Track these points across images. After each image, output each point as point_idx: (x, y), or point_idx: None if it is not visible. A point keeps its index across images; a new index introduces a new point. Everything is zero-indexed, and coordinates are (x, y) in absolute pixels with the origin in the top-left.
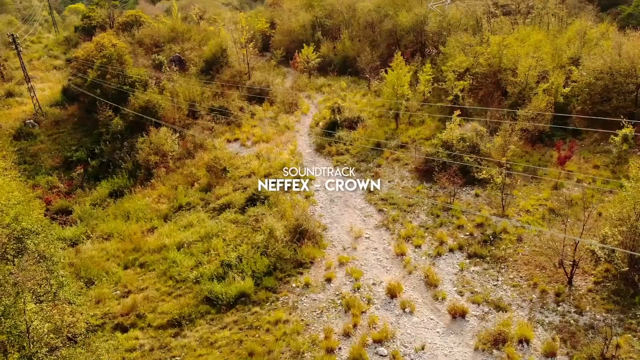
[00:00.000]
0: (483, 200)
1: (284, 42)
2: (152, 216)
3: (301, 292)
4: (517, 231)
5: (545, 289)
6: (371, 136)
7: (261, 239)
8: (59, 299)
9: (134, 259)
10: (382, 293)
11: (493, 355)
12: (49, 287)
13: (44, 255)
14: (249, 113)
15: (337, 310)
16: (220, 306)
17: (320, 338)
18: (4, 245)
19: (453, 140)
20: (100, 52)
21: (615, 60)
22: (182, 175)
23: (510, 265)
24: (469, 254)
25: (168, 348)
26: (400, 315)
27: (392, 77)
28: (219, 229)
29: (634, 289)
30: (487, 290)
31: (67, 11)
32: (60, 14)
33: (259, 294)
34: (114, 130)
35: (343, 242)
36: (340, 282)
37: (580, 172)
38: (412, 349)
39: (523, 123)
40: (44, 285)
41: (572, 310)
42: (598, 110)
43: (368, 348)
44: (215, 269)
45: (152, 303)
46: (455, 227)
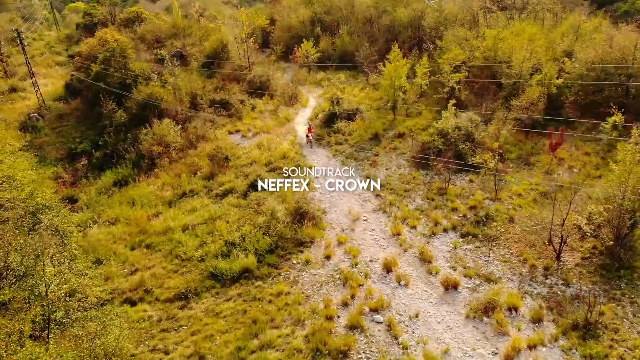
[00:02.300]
0: (477, 186)
1: (283, 38)
2: (156, 202)
3: (302, 268)
4: (509, 212)
5: (534, 263)
6: (369, 127)
7: (263, 220)
8: (72, 271)
9: (140, 241)
10: (379, 268)
11: (483, 322)
12: (62, 259)
13: (57, 229)
14: (249, 106)
15: (336, 284)
16: (225, 281)
17: (320, 308)
18: (21, 218)
19: (449, 129)
20: (104, 47)
21: (606, 52)
22: (185, 164)
23: (502, 243)
24: (462, 233)
25: (175, 319)
26: (395, 288)
27: (390, 69)
28: (222, 212)
29: (619, 263)
30: (479, 265)
31: (67, 10)
32: (61, 13)
33: (262, 270)
34: (118, 123)
35: (342, 224)
36: (339, 259)
37: (571, 159)
38: (406, 317)
39: (517, 113)
40: (57, 257)
41: (560, 283)
42: (590, 101)
43: (365, 316)
44: (220, 248)
45: (159, 279)
46: (450, 209)
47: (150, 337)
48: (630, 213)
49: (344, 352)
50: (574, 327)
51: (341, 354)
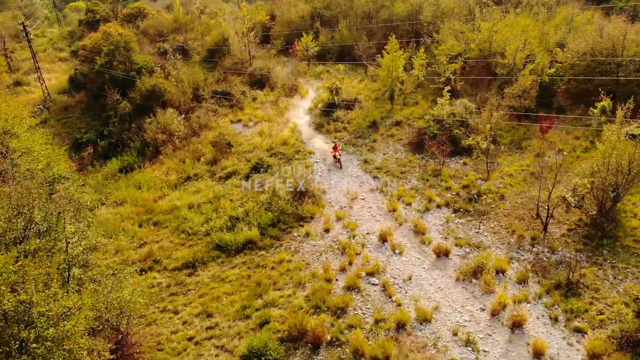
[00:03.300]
0: (470, 168)
1: (283, 33)
2: (162, 185)
3: (302, 240)
4: (499, 190)
5: (522, 234)
6: (367, 116)
7: (265, 197)
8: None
9: (147, 219)
10: (375, 239)
11: (472, 283)
12: (78, 225)
13: (72, 198)
14: (250, 97)
15: (335, 253)
16: (230, 251)
17: (320, 272)
18: (39, 187)
19: (444, 115)
20: (108, 40)
21: (597, 42)
22: (189, 151)
23: (492, 217)
24: (455, 209)
25: (183, 284)
26: (390, 256)
27: (388, 60)
28: (226, 192)
29: (602, 232)
30: (470, 236)
31: (68, 9)
32: (61, 12)
33: (265, 241)
34: (122, 113)
35: (340, 203)
36: (338, 232)
37: (561, 143)
38: (400, 280)
39: (510, 100)
40: (74, 223)
41: (546, 251)
42: (581, 89)
43: (361, 279)
44: (224, 223)
45: (166, 251)
46: (443, 188)
47: (160, 300)
48: (613, 186)
49: (342, 308)
50: (557, 287)
51: (339, 310)
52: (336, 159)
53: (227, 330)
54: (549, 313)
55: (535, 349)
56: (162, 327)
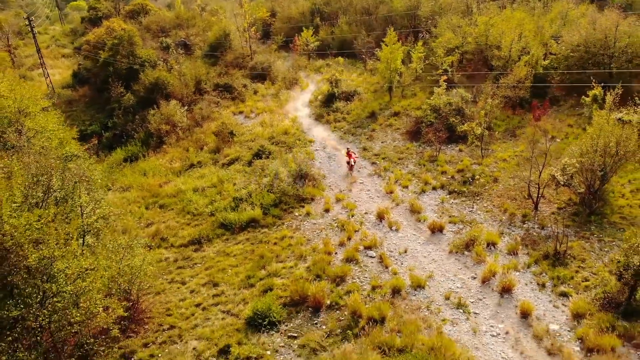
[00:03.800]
0: (465, 154)
1: (284, 29)
2: (166, 172)
3: (303, 219)
4: (493, 174)
5: (514, 212)
6: (366, 107)
7: (267, 180)
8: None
9: (153, 202)
10: (373, 218)
11: (464, 255)
12: (92, 195)
13: (84, 175)
14: (252, 90)
15: (334, 230)
16: (234, 229)
17: (320, 247)
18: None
19: (440, 104)
20: (111, 35)
21: (590, 34)
22: (192, 141)
23: (485, 198)
24: (450, 190)
25: (190, 259)
26: (387, 232)
27: (386, 52)
28: (229, 177)
29: (590, 209)
30: (463, 214)
31: (69, 8)
32: (62, 11)
33: (267, 220)
34: (126, 105)
35: (339, 186)
36: (337, 212)
37: (554, 130)
38: (396, 253)
39: (505, 90)
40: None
41: (536, 227)
42: (575, 80)
43: (359, 252)
44: (228, 203)
45: (173, 230)
46: (439, 172)
47: (167, 273)
48: (600, 167)
49: (341, 277)
50: (545, 257)
51: (338, 278)
52: (350, 166)
53: (232, 297)
54: (536, 280)
55: (522, 310)
56: (170, 295)
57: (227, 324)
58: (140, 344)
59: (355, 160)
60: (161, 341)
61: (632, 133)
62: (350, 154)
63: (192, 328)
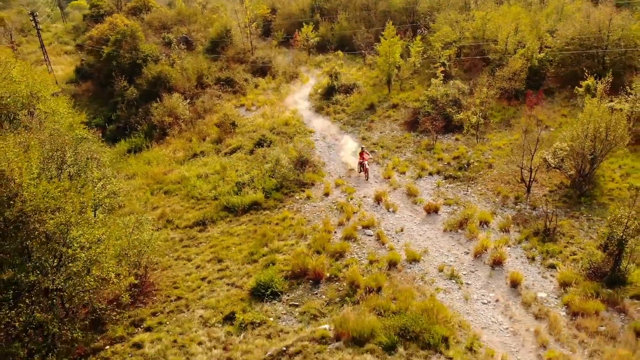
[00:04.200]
0: (462, 143)
1: (284, 25)
2: (170, 162)
3: (303, 202)
4: (488, 161)
5: (507, 195)
6: (365, 99)
7: (269, 166)
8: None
9: (158, 188)
10: (371, 201)
11: (458, 233)
12: (103, 171)
13: (94, 156)
14: (253, 84)
15: (334, 212)
16: (237, 211)
17: (320, 227)
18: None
19: (438, 95)
20: (114, 30)
21: (584, 27)
22: (195, 132)
23: (480, 182)
24: (445, 176)
25: (195, 238)
26: (384, 213)
27: (385, 46)
28: (232, 164)
29: (580, 191)
30: (458, 197)
31: (70, 7)
32: (63, 10)
33: (269, 203)
34: (129, 98)
35: (339, 173)
36: (337, 196)
37: (549, 120)
38: (393, 232)
39: (500, 82)
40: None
41: (527, 207)
42: (569, 72)
43: (358, 231)
44: (231, 188)
45: (178, 213)
46: (436, 159)
47: (174, 251)
48: (590, 150)
49: (340, 252)
50: (536, 234)
51: (338, 254)
52: (363, 169)
53: (236, 272)
54: (526, 254)
55: (512, 280)
56: (177, 270)
57: (231, 294)
58: (149, 313)
59: (368, 163)
60: (169, 310)
61: (621, 119)
62: (364, 154)
63: (199, 299)
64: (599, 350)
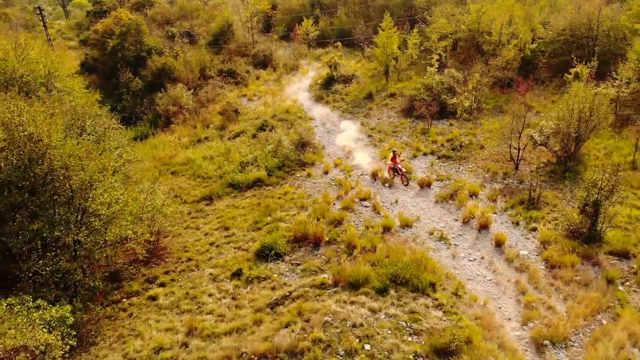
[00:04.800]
0: (455, 127)
1: (284, 20)
2: (175, 147)
3: (304, 179)
4: (480, 142)
5: (496, 171)
6: (364, 89)
7: (271, 147)
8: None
9: (165, 169)
10: (368, 178)
11: (448, 204)
12: (120, 140)
13: (111, 126)
14: (254, 76)
15: (333, 187)
16: (241, 188)
17: (320, 199)
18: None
19: (433, 83)
20: (119, 24)
21: (575, 18)
22: (199, 120)
23: (471, 161)
24: (439, 156)
25: (202, 211)
26: (380, 188)
27: (383, 37)
28: (236, 147)
29: (565, 167)
30: (450, 173)
31: (71, 6)
32: (65, 8)
33: (271, 180)
34: (134, 90)
35: (338, 155)
36: (335, 174)
37: (539, 106)
38: (388, 203)
39: (494, 71)
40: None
41: (515, 182)
42: (561, 62)
43: (355, 203)
44: (235, 167)
45: (185, 190)
46: (430, 142)
47: (183, 222)
48: (575, 129)
49: (339, 220)
50: (521, 203)
51: (336, 221)
52: (399, 174)
53: (242, 237)
54: (511, 219)
55: (496, 239)
56: (186, 237)
57: (238, 255)
58: (162, 272)
59: (403, 169)
60: (180, 270)
61: (604, 100)
62: (396, 158)
63: (208, 260)
64: (573, 295)
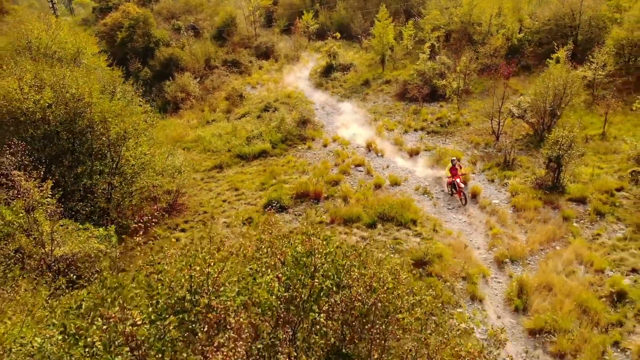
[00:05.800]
0: (445, 108)
1: (285, 14)
2: (185, 128)
3: (305, 151)
4: (466, 120)
5: (479, 142)
6: (361, 77)
7: (275, 124)
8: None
9: (177, 145)
10: (363, 149)
11: (434, 168)
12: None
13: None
14: (257, 66)
15: (331, 157)
16: (248, 158)
17: (319, 166)
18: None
19: (425, 69)
20: (128, 17)
21: (559, 9)
22: (206, 105)
23: (457, 135)
24: (428, 131)
25: (214, 177)
26: (374, 157)
27: (379, 28)
28: (242, 125)
29: (540, 138)
30: (437, 145)
31: (74, 4)
32: (67, 7)
33: (275, 151)
34: (144, 79)
35: (336, 132)
36: (334, 147)
37: (523, 89)
38: (380, 168)
39: (483, 59)
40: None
41: (494, 150)
42: (546, 50)
43: (351, 168)
44: (242, 141)
45: (197, 162)
46: (421, 120)
47: (196, 186)
48: (550, 103)
49: (336, 181)
50: (497, 165)
51: (334, 182)
52: (457, 190)
53: (251, 196)
54: (487, 178)
55: (472, 191)
56: (201, 197)
57: (248, 208)
58: (182, 221)
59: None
60: (198, 220)
61: (576, 77)
62: (457, 170)
63: (221, 212)
64: (533, 229)
